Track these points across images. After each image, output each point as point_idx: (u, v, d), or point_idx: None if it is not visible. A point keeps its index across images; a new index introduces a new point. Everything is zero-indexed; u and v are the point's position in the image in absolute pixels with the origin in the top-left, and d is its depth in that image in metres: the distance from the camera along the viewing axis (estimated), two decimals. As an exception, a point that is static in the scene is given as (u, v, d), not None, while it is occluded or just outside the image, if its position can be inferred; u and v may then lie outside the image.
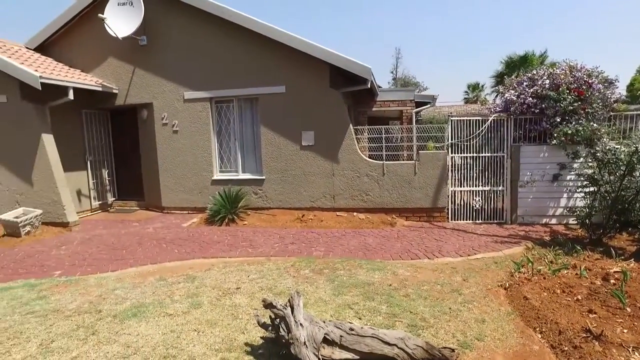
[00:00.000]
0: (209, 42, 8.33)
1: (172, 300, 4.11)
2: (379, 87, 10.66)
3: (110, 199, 9.90)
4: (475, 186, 7.59)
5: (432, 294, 4.13)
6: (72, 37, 9.22)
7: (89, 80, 8.53)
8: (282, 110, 8.02)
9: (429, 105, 11.26)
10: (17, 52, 8.26)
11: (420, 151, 7.63)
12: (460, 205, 7.66)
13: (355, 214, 7.72)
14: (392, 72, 41.53)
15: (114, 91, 8.97)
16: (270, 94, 8.07)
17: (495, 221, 7.53)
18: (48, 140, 7.72)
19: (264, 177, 8.26)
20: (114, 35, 8.43)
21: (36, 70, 7.24)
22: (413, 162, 7.65)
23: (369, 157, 7.98)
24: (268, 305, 3.06)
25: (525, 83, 7.56)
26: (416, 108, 10.68)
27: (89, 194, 9.25)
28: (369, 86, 7.63)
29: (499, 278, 4.61)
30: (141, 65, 8.84)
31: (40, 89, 7.15)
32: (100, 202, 9.57)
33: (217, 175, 8.63)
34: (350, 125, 7.82)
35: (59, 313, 3.94)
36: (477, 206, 7.56)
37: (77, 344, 3.31)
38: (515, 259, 5.18)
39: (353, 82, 7.81)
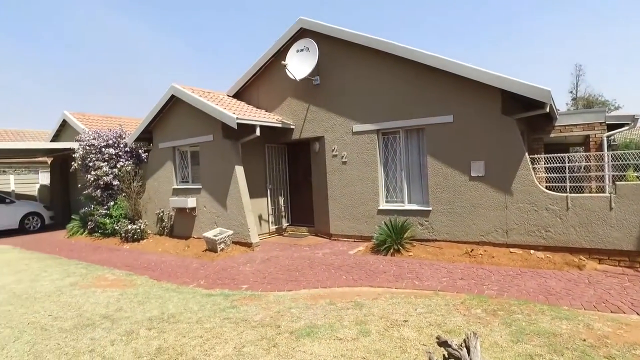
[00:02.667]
0: (375, 76, 8.68)
1: (342, 325, 4.22)
2: (557, 109, 9.45)
3: (285, 224, 10.92)
4: None
5: (652, 359, 3.30)
6: (259, 84, 10.76)
7: (271, 119, 9.74)
8: (449, 140, 7.75)
9: (626, 127, 9.47)
10: (221, 99, 10.01)
11: (617, 182, 6.37)
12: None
13: (532, 251, 6.82)
14: (571, 92, 36.67)
15: (291, 127, 10.03)
16: (436, 123, 7.89)
17: None
18: (240, 171, 9.02)
19: (430, 208, 8.02)
20: (292, 77, 9.52)
21: (234, 113, 8.60)
22: (607, 194, 6.43)
23: (547, 189, 7.04)
24: (442, 343, 2.87)
25: None
26: (608, 131, 9.09)
27: (268, 218, 10.40)
28: (547, 110, 6.82)
29: None
30: (314, 103, 9.71)
31: (236, 127, 8.49)
32: (276, 227, 10.65)
33: (383, 205, 8.74)
34: (526, 154, 7.05)
35: (247, 322, 4.43)
36: None
37: (262, 352, 3.65)
38: None
39: (528, 107, 7.11)
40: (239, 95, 11.07)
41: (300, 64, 9.45)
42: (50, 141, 16.13)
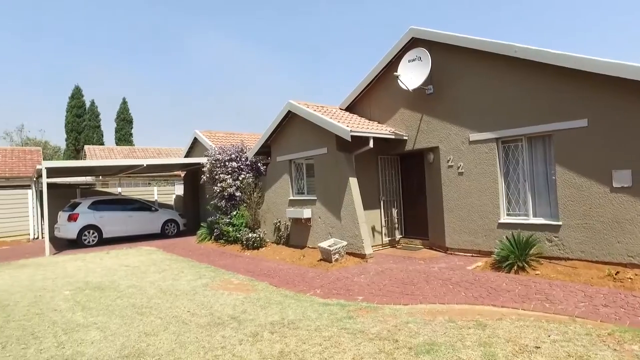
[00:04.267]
0: (492, 81, 8.20)
1: (464, 345, 4.03)
2: None
3: (398, 236, 10.81)
4: None
5: None
6: (370, 96, 10.90)
7: (384, 130, 9.77)
8: (583, 147, 6.94)
9: None
10: (334, 113, 10.38)
11: None
12: None
13: (702, 278, 5.72)
14: None
15: (404, 138, 9.94)
16: (567, 129, 7.13)
17: None
18: (353, 183, 9.22)
19: (560, 223, 7.24)
20: (405, 88, 9.46)
21: (347, 126, 8.85)
22: None
23: None
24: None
25: None
26: None
27: (381, 230, 10.40)
28: None
29: None
30: (428, 112, 9.50)
31: (350, 140, 8.71)
32: (389, 239, 10.59)
33: (504, 219, 8.15)
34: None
35: (364, 334, 4.49)
36: None
37: (381, 367, 3.66)
38: None
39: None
40: (351, 108, 11.35)
41: (412, 73, 9.35)
42: (184, 157, 18.37)
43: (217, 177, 12.76)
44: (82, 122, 35.52)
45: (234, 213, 12.49)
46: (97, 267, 9.70)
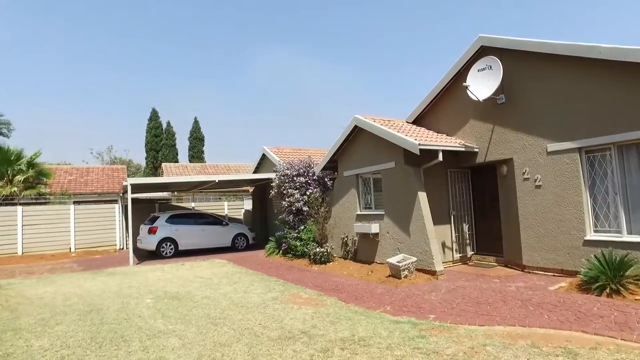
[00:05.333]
0: (572, 87, 7.64)
1: (552, 373, 3.70)
2: None
3: (469, 252, 10.32)
4: None
5: None
6: (437, 108, 10.63)
7: (453, 143, 9.46)
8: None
9: None
10: (401, 126, 10.26)
11: None
12: None
13: None
14: None
15: (475, 150, 9.54)
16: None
17: None
18: (422, 197, 8.98)
19: (661, 241, 6.49)
20: (475, 98, 9.12)
21: (415, 139, 8.68)
22: None
23: None
24: None
25: None
26: None
27: (452, 246, 9.99)
28: None
29: None
30: (500, 123, 9.06)
31: (418, 153, 8.53)
32: (460, 255, 10.14)
33: (591, 236, 7.47)
34: None
35: (438, 355, 4.29)
36: None
37: (460, 392, 3.46)
38: None
39: None
40: (418, 121, 11.14)
41: (482, 83, 9.01)
42: (253, 172, 19.05)
43: (285, 192, 13.05)
44: (159, 142, 38.26)
45: (302, 228, 12.67)
46: (174, 278, 10.27)
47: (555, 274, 7.90)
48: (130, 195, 13.63)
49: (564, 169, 7.85)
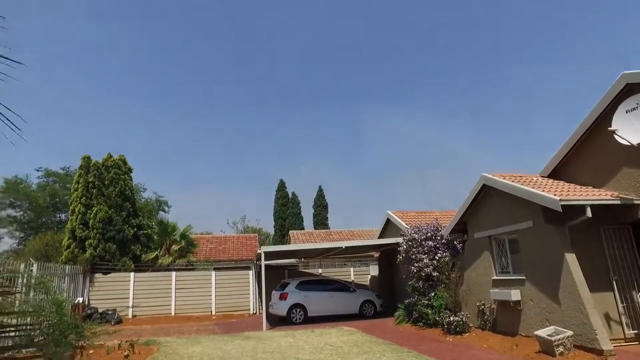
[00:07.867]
0: None
1: None
2: None
3: (646, 327, 8.45)
4: None
5: None
6: (578, 158, 9.54)
7: (603, 195, 8.27)
8: None
9: None
10: (535, 182, 9.38)
11: None
12: None
13: None
14: None
15: (634, 202, 8.16)
16: None
17: None
18: (571, 259, 7.84)
19: None
20: (626, 143, 8.01)
21: (554, 194, 7.81)
22: None
23: None
24: None
25: None
26: None
27: (619, 319, 8.31)
28: None
29: None
30: (664, 169, 7.70)
31: (560, 210, 7.60)
32: (635, 332, 8.31)
33: None
34: None
35: None
36: None
37: None
38: None
39: None
40: (554, 174, 10.08)
41: (634, 125, 7.90)
42: (378, 237, 18.93)
43: (413, 256, 12.60)
44: (286, 210, 40.92)
45: (432, 294, 11.94)
46: (305, 345, 10.36)
47: None
48: (263, 262, 14.55)
49: None
